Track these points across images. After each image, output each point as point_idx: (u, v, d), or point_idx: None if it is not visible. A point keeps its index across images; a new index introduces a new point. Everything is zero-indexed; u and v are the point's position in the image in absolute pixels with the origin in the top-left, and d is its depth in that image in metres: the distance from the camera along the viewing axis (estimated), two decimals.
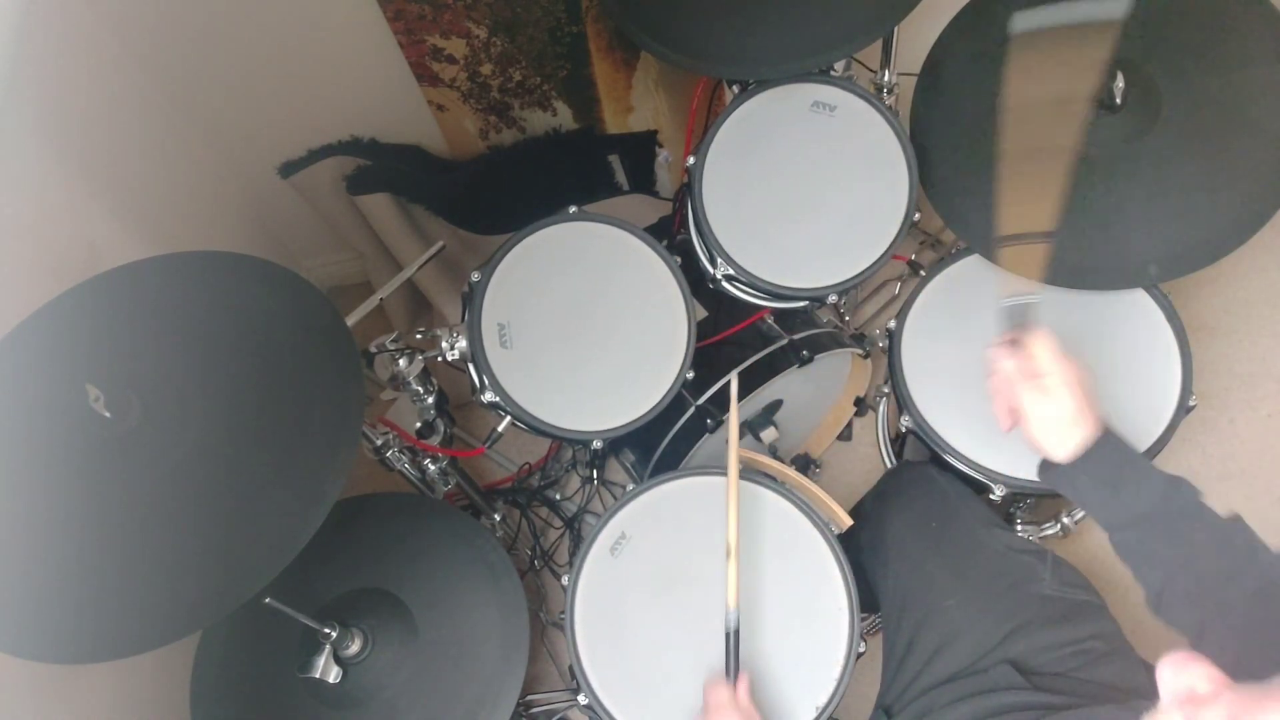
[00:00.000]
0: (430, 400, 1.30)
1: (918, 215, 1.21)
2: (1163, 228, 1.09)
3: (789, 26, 1.17)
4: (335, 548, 1.21)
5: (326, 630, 1.06)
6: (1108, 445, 0.90)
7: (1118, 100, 1.07)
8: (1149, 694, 0.65)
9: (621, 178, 1.78)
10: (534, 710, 1.50)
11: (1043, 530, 1.50)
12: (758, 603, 1.08)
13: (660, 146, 1.73)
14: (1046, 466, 0.95)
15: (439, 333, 1.20)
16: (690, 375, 1.21)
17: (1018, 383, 0.93)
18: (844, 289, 1.22)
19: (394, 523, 1.26)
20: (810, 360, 1.32)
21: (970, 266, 1.26)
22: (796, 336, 1.37)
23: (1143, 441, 1.13)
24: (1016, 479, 1.14)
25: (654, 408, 1.19)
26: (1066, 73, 0.99)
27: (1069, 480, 0.92)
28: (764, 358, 1.34)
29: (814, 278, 1.22)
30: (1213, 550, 0.83)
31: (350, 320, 1.13)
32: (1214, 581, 0.82)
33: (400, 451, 1.30)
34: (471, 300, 1.19)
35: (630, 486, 1.15)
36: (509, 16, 1.43)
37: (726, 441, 1.08)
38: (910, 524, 1.17)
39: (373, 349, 1.20)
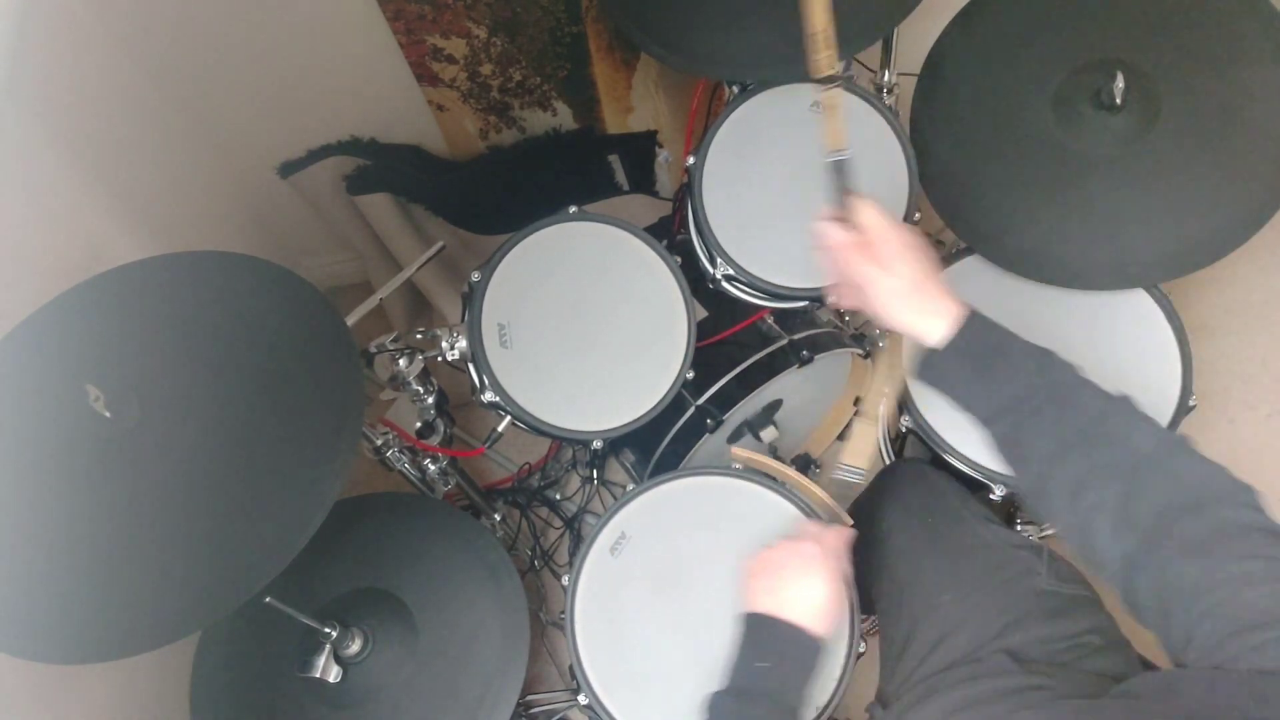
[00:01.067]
0: (430, 400, 1.30)
1: (918, 215, 1.21)
2: (1163, 228, 1.09)
3: (788, 27, 1.16)
4: (335, 548, 1.21)
5: (327, 630, 1.06)
6: (976, 322, 0.81)
7: (1118, 100, 1.07)
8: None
9: (621, 178, 1.78)
10: (534, 710, 1.50)
11: (1043, 530, 1.50)
12: None
13: (660, 146, 1.73)
14: (923, 364, 0.85)
15: (439, 333, 1.20)
16: (690, 375, 1.21)
17: (852, 256, 0.84)
18: None
19: (394, 523, 1.26)
20: (810, 360, 1.32)
21: (970, 266, 1.26)
22: (796, 336, 1.37)
23: None
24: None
25: (654, 408, 1.19)
26: None
27: (940, 370, 0.83)
28: (764, 358, 1.34)
29: (814, 278, 1.21)
30: (1085, 441, 0.75)
31: (350, 320, 1.13)
32: (1090, 479, 0.74)
33: (400, 451, 1.30)
34: (471, 300, 1.19)
35: (630, 486, 1.15)
36: (509, 17, 1.43)
37: None
38: (906, 519, 1.17)
39: (373, 349, 1.20)
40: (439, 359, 1.21)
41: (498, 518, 1.64)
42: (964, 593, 1.05)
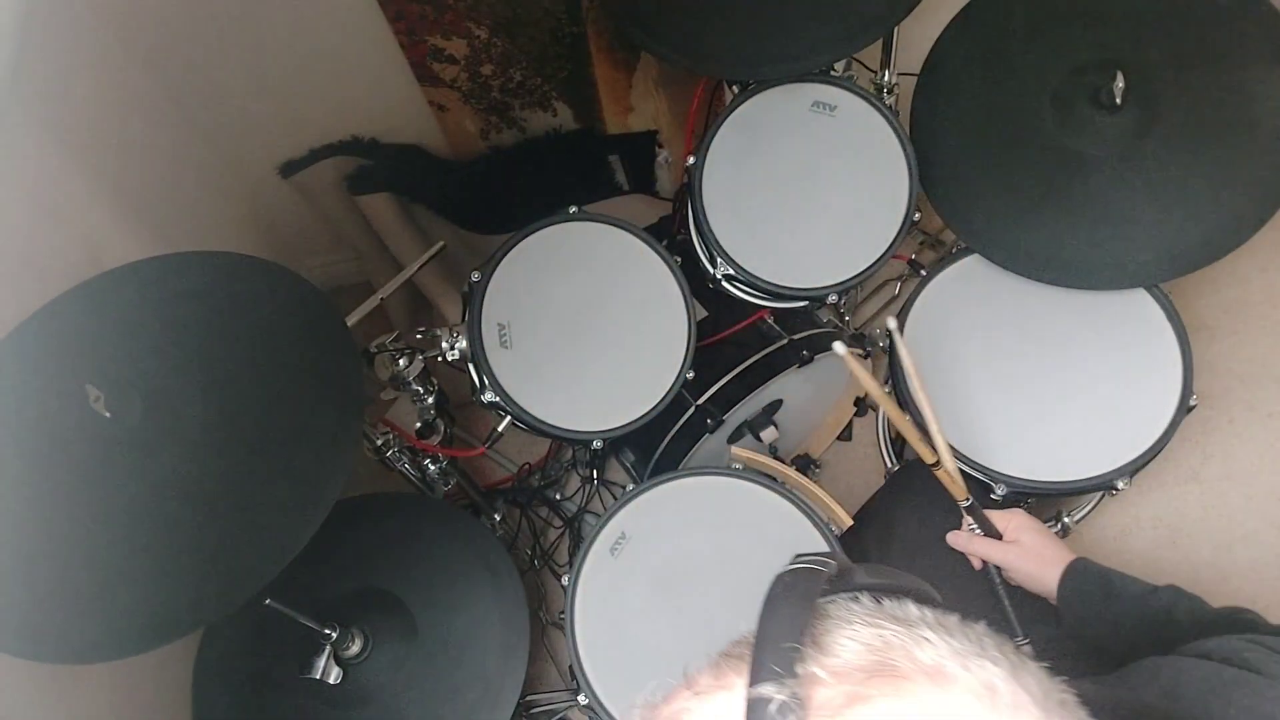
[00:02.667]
0: (430, 400, 1.30)
1: (918, 215, 1.21)
2: (1163, 227, 1.09)
3: (789, 26, 1.17)
4: (335, 548, 1.21)
5: (327, 631, 1.06)
6: (1079, 566, 0.97)
7: (1118, 100, 1.07)
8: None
9: (621, 178, 1.78)
10: (534, 710, 1.50)
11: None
12: (758, 603, 1.08)
13: (660, 146, 1.73)
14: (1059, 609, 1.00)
15: (439, 333, 1.20)
16: (690, 375, 1.21)
17: (991, 551, 1.03)
18: (844, 289, 1.22)
19: (394, 523, 1.26)
20: (810, 360, 1.32)
21: (970, 266, 1.26)
22: (796, 336, 1.37)
23: (1143, 441, 1.13)
24: (1017, 478, 1.14)
25: (654, 408, 1.19)
26: None
27: (1067, 607, 0.97)
28: (764, 358, 1.34)
29: (814, 278, 1.22)
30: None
31: (350, 320, 1.13)
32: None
33: (400, 451, 1.30)
34: (471, 300, 1.19)
35: (630, 486, 1.15)
36: (510, 17, 1.43)
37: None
38: (917, 519, 1.17)
39: (373, 349, 1.20)
40: (439, 359, 1.21)
41: (498, 517, 1.64)
42: (954, 597, 1.05)
